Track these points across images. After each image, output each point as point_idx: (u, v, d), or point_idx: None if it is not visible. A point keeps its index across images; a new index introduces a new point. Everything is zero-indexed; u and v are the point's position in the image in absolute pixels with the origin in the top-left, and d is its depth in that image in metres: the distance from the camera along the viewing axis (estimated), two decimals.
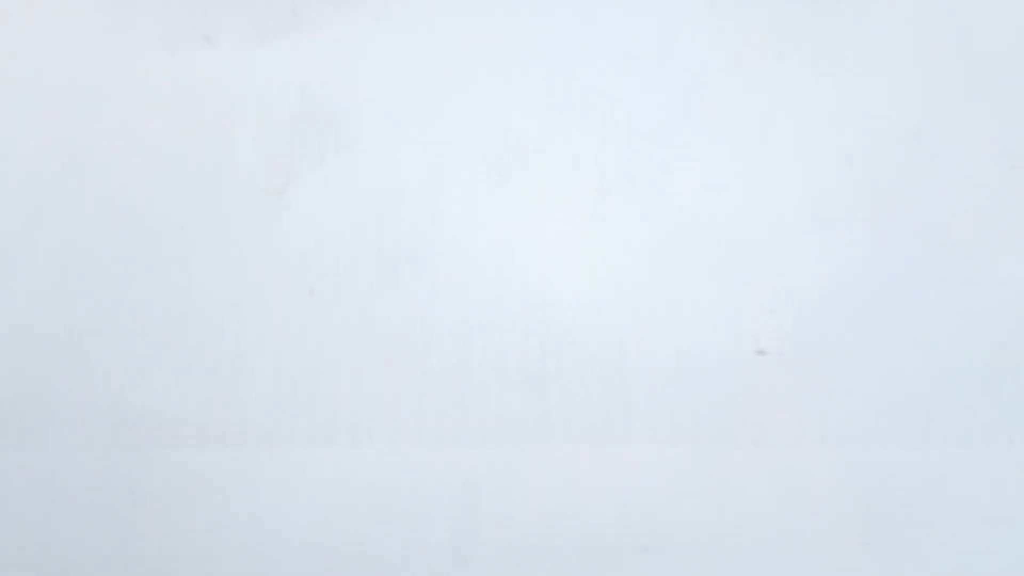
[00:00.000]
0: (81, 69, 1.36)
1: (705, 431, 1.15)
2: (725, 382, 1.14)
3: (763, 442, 1.14)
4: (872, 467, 1.14)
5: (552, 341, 1.15)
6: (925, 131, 1.33)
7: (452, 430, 1.15)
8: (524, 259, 1.22)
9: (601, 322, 1.17)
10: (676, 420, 1.15)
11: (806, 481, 1.14)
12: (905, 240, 1.26)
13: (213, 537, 1.12)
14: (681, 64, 1.39)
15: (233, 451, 1.14)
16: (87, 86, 1.34)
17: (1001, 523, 1.13)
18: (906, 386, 1.17)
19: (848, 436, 1.15)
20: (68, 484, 1.13)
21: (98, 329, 1.18)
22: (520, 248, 1.23)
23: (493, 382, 1.11)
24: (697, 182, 1.29)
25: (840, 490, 1.14)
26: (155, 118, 1.31)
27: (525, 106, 1.33)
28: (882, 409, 1.16)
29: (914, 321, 1.19)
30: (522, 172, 1.28)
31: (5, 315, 1.18)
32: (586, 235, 1.22)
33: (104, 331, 1.18)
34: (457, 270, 1.21)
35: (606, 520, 1.12)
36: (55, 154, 1.29)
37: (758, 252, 1.26)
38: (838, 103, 1.37)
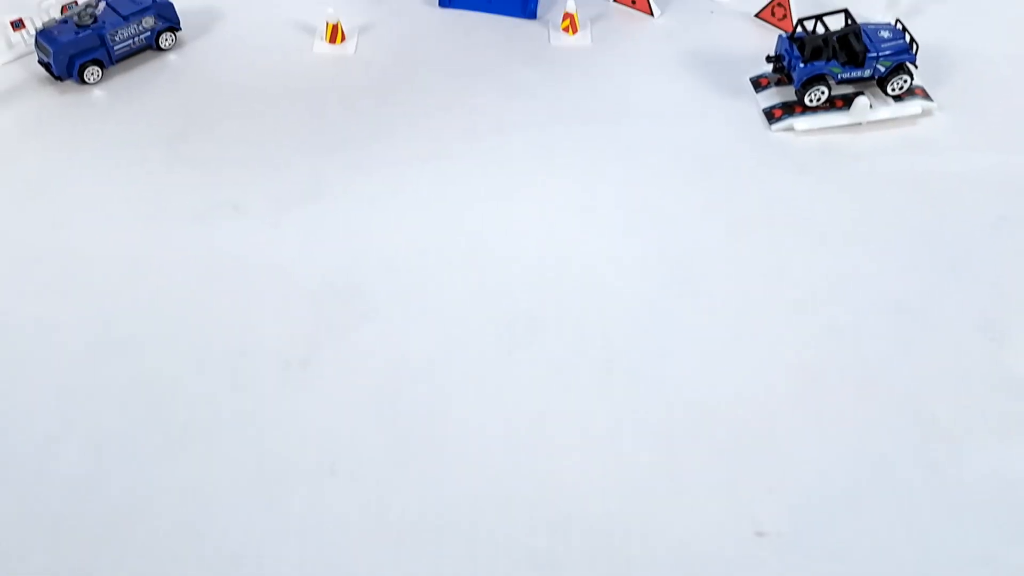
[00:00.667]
0: (117, 243, 1.44)
1: None
2: (727, 565, 1.19)
3: None
4: None
5: (560, 524, 1.20)
6: (908, 305, 1.40)
7: None
8: (531, 438, 1.27)
9: (607, 506, 1.22)
10: None
11: None
12: (894, 419, 1.30)
13: None
14: (678, 237, 1.46)
15: None
16: (122, 260, 1.42)
17: None
18: (900, 567, 1.21)
19: None
20: None
21: (131, 513, 1.23)
22: (527, 427, 1.28)
23: (503, 567, 1.16)
24: (695, 360, 1.34)
25: None
26: (184, 290, 1.38)
27: (532, 282, 1.40)
28: None
29: (905, 502, 1.24)
30: (529, 347, 1.35)
31: (43, 502, 1.23)
32: (591, 414, 1.29)
33: (137, 516, 1.22)
34: (466, 451, 1.26)
35: None
36: (89, 327, 1.36)
37: (755, 431, 1.30)
38: (826, 277, 1.43)
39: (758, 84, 1.69)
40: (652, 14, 1.86)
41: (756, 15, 1.84)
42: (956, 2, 1.90)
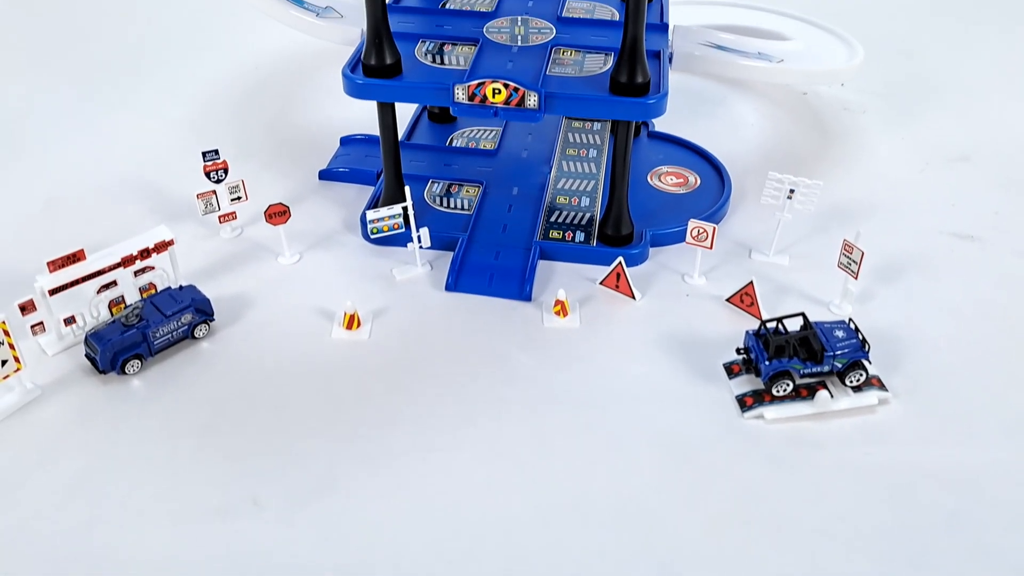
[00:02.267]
0: (145, 545, 1.54)
1: None
2: None
3: None
4: None
5: None
6: None
7: None
8: None
9: None
10: None
11: None
12: None
13: None
14: (661, 531, 1.59)
15: None
16: (148, 564, 1.51)
17: None
18: None
19: None
20: None
21: None
22: None
23: None
24: None
25: None
26: None
27: (527, 572, 1.54)
28: None
29: None
30: None
31: None
32: None
33: None
34: None
35: None
36: None
37: None
38: (797, 567, 1.57)
39: (731, 371, 1.87)
40: (634, 297, 2.08)
41: (727, 300, 2.06)
42: (904, 285, 2.14)
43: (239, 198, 2.24)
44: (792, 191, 2.13)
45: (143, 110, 2.89)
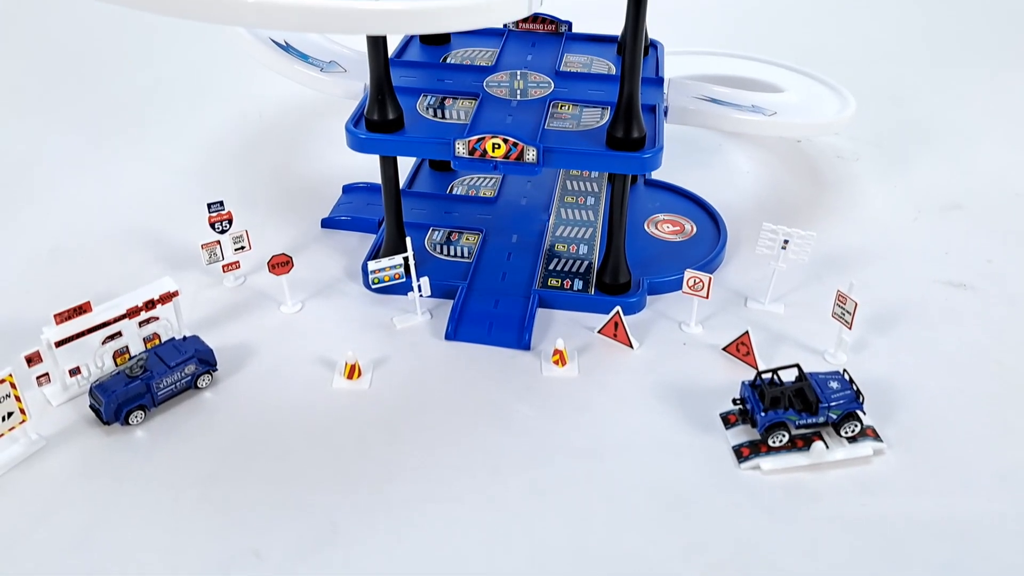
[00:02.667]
0: None
1: None
2: None
3: None
4: None
5: None
6: None
7: None
8: None
9: None
10: None
11: None
12: None
13: None
14: None
15: None
16: None
17: None
18: None
19: None
20: None
21: None
22: None
23: None
24: None
25: None
26: None
27: None
28: None
29: None
30: None
31: None
32: None
33: None
34: None
35: None
36: None
37: None
38: None
39: (727, 420, 1.90)
40: (632, 346, 2.11)
41: (723, 349, 2.09)
42: (898, 335, 2.17)
43: (243, 248, 2.28)
44: (786, 241, 2.17)
45: (149, 157, 2.94)
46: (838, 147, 3.04)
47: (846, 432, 1.83)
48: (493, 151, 2.04)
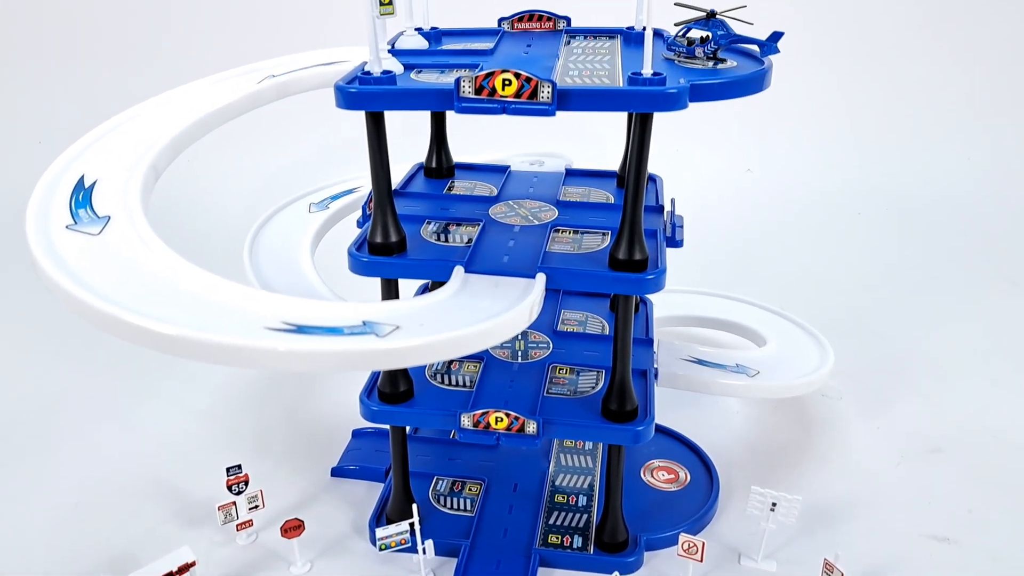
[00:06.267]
0: None
1: None
2: None
3: None
4: None
5: None
6: None
7: None
8: None
9: None
10: None
11: None
12: None
13: None
14: None
15: None
16: None
17: None
18: None
19: None
20: None
21: None
22: None
23: None
24: None
25: None
26: None
27: None
28: None
29: None
30: None
31: None
32: None
33: None
34: None
35: None
36: None
37: None
38: None
39: None
40: None
41: None
42: None
43: (256, 507, 2.39)
44: (774, 504, 2.28)
45: (168, 398, 3.10)
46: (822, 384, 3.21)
47: None
48: (496, 424, 2.19)
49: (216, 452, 2.43)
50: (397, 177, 2.70)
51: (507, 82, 1.89)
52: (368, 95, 1.94)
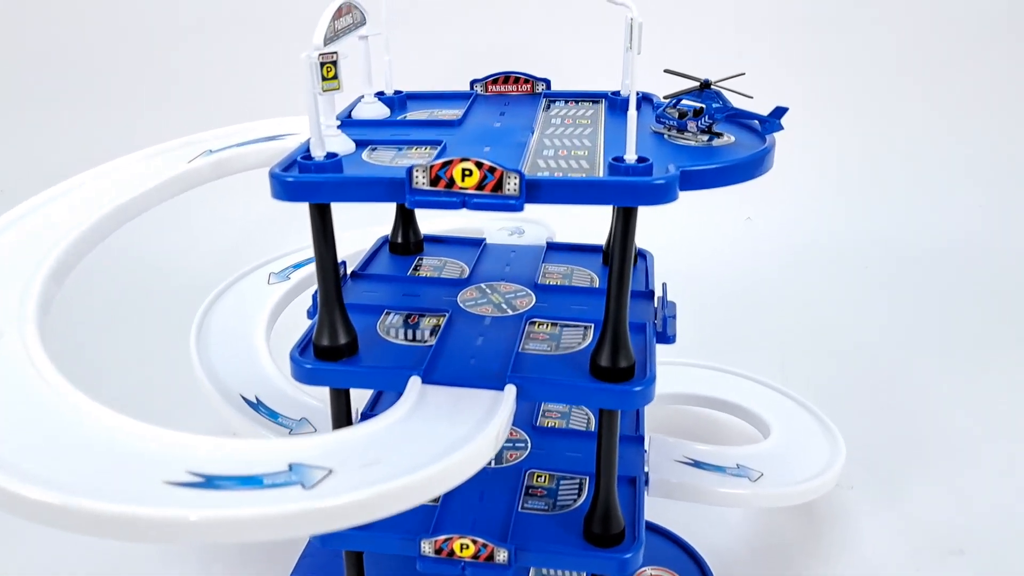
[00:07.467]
0: None
1: None
2: None
3: None
4: None
5: None
6: None
7: None
8: None
9: None
10: None
11: None
12: None
13: None
14: None
15: None
16: None
17: None
18: None
19: None
20: None
21: None
22: None
23: None
24: None
25: None
26: None
27: None
28: None
29: None
30: None
31: None
32: None
33: None
34: None
35: None
36: None
37: None
38: None
39: None
40: None
41: None
42: None
43: None
44: None
45: None
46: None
47: None
48: (461, 551, 1.92)
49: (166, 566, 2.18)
50: (365, 236, 2.46)
51: (467, 172, 1.61)
52: (306, 185, 1.66)
